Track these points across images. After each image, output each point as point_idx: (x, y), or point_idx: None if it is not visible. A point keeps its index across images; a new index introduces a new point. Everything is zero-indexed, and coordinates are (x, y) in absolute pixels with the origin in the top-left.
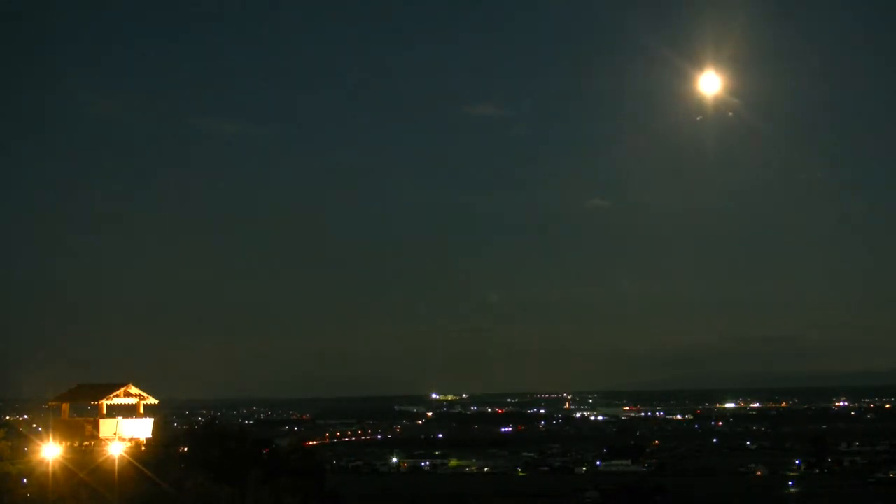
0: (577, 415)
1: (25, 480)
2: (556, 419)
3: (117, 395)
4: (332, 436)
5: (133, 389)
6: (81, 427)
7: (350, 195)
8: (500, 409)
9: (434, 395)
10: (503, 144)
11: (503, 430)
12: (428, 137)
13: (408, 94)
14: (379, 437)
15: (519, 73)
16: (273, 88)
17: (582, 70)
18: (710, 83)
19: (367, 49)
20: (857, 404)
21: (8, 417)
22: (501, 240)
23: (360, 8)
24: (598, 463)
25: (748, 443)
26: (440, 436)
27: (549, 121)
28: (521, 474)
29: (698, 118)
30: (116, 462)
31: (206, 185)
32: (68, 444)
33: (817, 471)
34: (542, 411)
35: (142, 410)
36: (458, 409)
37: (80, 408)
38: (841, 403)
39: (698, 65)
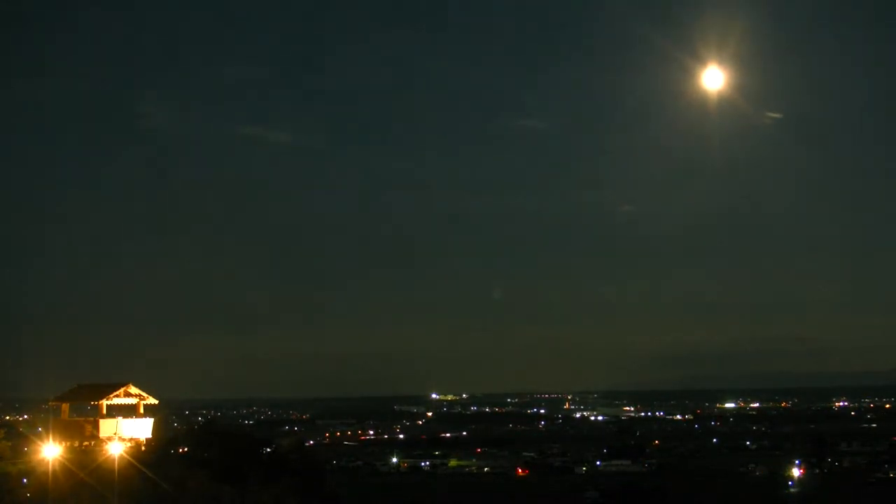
0: (577, 415)
1: (26, 480)
2: (557, 419)
3: (117, 395)
4: (332, 436)
5: (133, 389)
6: (81, 427)
7: (369, 198)
8: (499, 408)
9: (434, 395)
10: (532, 151)
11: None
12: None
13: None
14: (380, 437)
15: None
16: (321, 99)
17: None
18: (719, 84)
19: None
20: (857, 404)
21: (8, 417)
22: (503, 241)
23: (413, 26)
24: (598, 463)
25: (748, 443)
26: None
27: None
28: (521, 474)
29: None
30: (116, 462)
31: (212, 188)
32: (68, 444)
33: (817, 471)
34: (542, 411)
35: (142, 410)
36: (458, 409)
37: (80, 408)
38: (841, 403)
39: (719, 67)
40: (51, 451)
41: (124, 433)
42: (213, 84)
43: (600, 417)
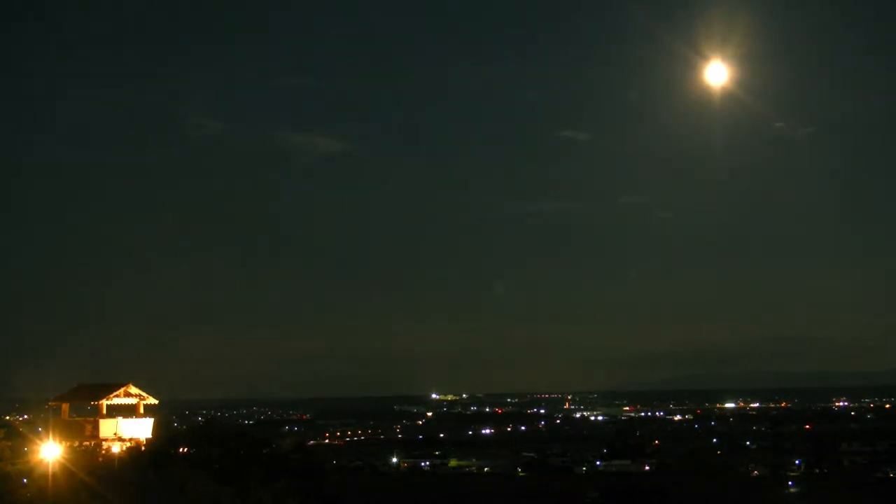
0: (577, 415)
1: (25, 481)
2: (557, 419)
3: (117, 395)
4: (332, 436)
5: (133, 389)
6: (81, 427)
7: (372, 201)
8: (499, 409)
9: (434, 395)
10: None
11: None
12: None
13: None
14: (381, 437)
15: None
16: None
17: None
18: (724, 84)
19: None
20: (857, 404)
21: (8, 417)
22: (505, 242)
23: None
24: (598, 463)
25: (748, 443)
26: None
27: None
28: (521, 474)
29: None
30: (116, 462)
31: (216, 187)
32: (68, 444)
33: (817, 471)
34: (542, 411)
35: (142, 410)
36: (459, 409)
37: (80, 408)
38: (841, 403)
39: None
40: (51, 452)
41: (124, 433)
42: (263, 92)
43: (600, 417)
